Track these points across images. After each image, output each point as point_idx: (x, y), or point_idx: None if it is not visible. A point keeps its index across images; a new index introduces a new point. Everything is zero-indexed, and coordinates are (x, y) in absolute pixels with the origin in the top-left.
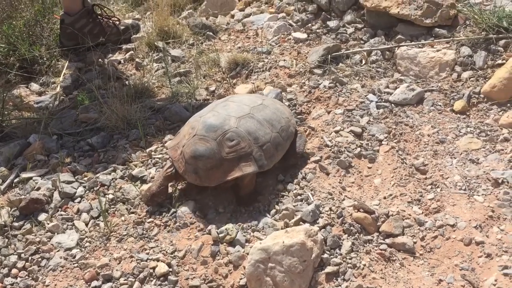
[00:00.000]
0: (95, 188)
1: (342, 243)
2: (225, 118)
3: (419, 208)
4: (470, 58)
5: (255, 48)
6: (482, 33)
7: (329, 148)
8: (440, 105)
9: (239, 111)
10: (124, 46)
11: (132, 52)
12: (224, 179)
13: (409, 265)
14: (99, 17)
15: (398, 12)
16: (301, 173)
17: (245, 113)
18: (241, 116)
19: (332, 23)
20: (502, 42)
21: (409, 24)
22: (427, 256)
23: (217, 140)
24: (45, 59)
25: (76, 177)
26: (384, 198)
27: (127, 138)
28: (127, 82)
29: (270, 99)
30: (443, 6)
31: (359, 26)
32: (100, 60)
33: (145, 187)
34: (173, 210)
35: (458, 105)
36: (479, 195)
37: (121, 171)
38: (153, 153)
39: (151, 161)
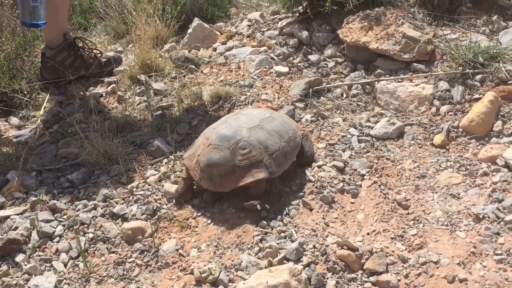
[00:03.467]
0: (74, 227)
1: (326, 282)
2: (237, 129)
3: (402, 244)
4: (448, 93)
5: (237, 82)
6: (459, 68)
7: (312, 183)
8: (420, 139)
9: (250, 123)
10: (106, 79)
11: (114, 85)
12: (237, 185)
13: None
14: (80, 50)
15: (377, 47)
16: (284, 209)
17: (255, 124)
18: (252, 127)
19: (313, 57)
20: (478, 77)
21: (388, 58)
22: None
23: (230, 149)
24: (25, 92)
25: (55, 215)
26: (368, 234)
27: (108, 174)
28: (108, 116)
29: (278, 113)
30: (421, 42)
31: (340, 60)
32: (81, 93)
33: (126, 225)
34: (154, 249)
35: (438, 139)
36: (461, 231)
37: (101, 208)
38: (134, 189)
39: (132, 197)
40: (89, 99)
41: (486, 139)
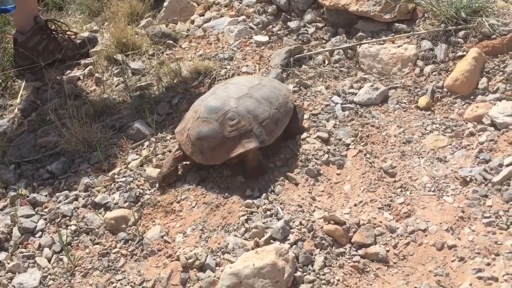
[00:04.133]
0: (56, 220)
1: (314, 258)
2: (225, 100)
3: (389, 213)
4: (431, 52)
5: (217, 55)
6: (441, 25)
7: (297, 157)
8: (404, 103)
9: (238, 92)
10: (82, 61)
11: (91, 67)
12: (228, 156)
13: (384, 275)
14: (53, 32)
15: (357, 9)
16: (269, 186)
17: (243, 93)
18: (240, 96)
19: (292, 24)
20: (461, 33)
21: (369, 20)
22: (401, 264)
23: (219, 120)
24: (0, 81)
25: (36, 209)
26: (355, 205)
27: (88, 162)
28: (86, 100)
29: (268, 78)
30: (401, 1)
31: (320, 25)
32: (58, 77)
33: (109, 214)
34: (139, 237)
35: (423, 101)
36: (448, 196)
37: (83, 198)
38: (116, 176)
39: (114, 185)
40: (66, 84)
41: (472, 97)
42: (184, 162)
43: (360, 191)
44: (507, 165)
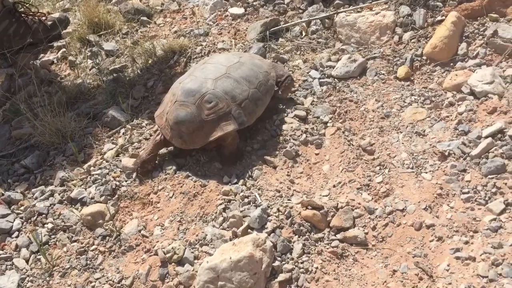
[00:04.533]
0: (32, 219)
1: (293, 246)
2: (202, 82)
3: (368, 194)
4: (410, 18)
5: (192, 31)
6: None
7: (275, 138)
8: (383, 74)
9: (216, 72)
10: (55, 44)
11: (64, 49)
12: (207, 140)
13: (362, 258)
14: (22, 15)
15: None
16: (247, 171)
17: (221, 73)
18: (217, 77)
19: None
20: None
21: None
22: (380, 246)
23: (196, 104)
24: None
25: (12, 208)
26: (334, 186)
27: (64, 154)
28: (61, 85)
29: (248, 55)
30: None
31: None
32: (31, 62)
33: (85, 210)
34: (116, 233)
35: (401, 71)
36: (426, 172)
37: (59, 194)
38: (92, 168)
39: (90, 178)
40: (39, 69)
41: (451, 64)
42: (165, 149)
43: (339, 171)
44: (486, 137)
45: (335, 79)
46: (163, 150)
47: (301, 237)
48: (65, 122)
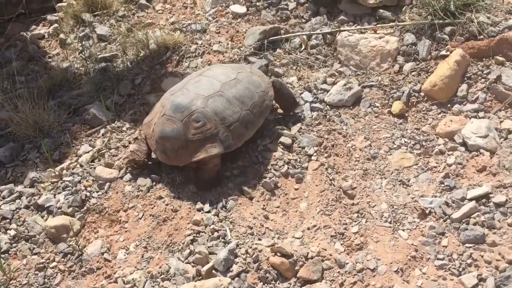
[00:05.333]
0: None
1: None
2: (192, 98)
3: (341, 244)
4: (413, 47)
5: (189, 25)
6: (428, 17)
7: (256, 165)
8: (377, 106)
9: (209, 89)
10: (48, 17)
11: (56, 25)
12: (190, 159)
13: None
14: None
15: None
16: (222, 200)
17: (215, 91)
18: (210, 94)
19: None
20: (448, 29)
21: (354, 2)
22: None
23: (183, 121)
24: None
25: None
26: (308, 229)
27: (38, 150)
28: (47, 65)
29: (248, 70)
30: None
31: (302, 0)
32: (22, 33)
33: (50, 221)
34: (78, 252)
35: (396, 107)
36: (404, 230)
37: (26, 198)
38: (64, 172)
39: (61, 183)
40: (29, 43)
41: (449, 105)
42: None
43: (315, 212)
44: (470, 199)
45: (327, 106)
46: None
47: (266, 284)
48: (44, 115)
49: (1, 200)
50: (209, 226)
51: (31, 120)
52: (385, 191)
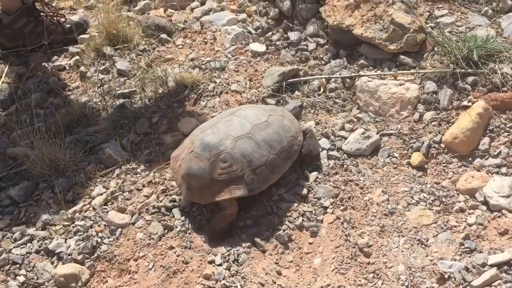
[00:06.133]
0: (5, 267)
1: None
2: (222, 138)
3: None
4: (434, 96)
5: (208, 62)
6: (450, 65)
7: (270, 216)
8: (396, 157)
9: (239, 130)
10: (70, 48)
11: (77, 57)
12: (213, 199)
13: None
14: (41, 15)
15: (362, 33)
16: (233, 253)
17: (244, 132)
18: (239, 136)
19: (293, 35)
20: (470, 79)
21: (374, 46)
22: None
23: (210, 160)
24: None
25: None
26: (322, 287)
27: (53, 190)
28: (66, 99)
29: (280, 113)
30: (410, 31)
31: (322, 41)
32: (44, 64)
33: (59, 269)
34: None
35: (415, 158)
36: None
37: (37, 241)
38: (77, 215)
39: (73, 227)
40: (50, 75)
41: (470, 159)
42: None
43: (330, 270)
44: (491, 266)
45: (344, 154)
46: None
47: None
48: (60, 154)
49: (13, 243)
50: (220, 281)
51: (47, 158)
52: (402, 251)
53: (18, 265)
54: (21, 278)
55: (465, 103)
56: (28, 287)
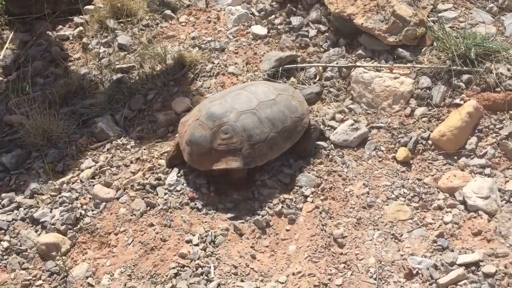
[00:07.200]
0: None
1: None
2: (227, 110)
3: None
4: (428, 91)
5: (209, 42)
6: (447, 62)
7: (250, 202)
8: (382, 150)
9: (246, 104)
10: (75, 18)
11: (81, 28)
12: (211, 167)
13: None
14: None
15: (362, 23)
16: (210, 235)
17: (250, 108)
18: (244, 110)
19: (295, 20)
20: (465, 77)
21: (374, 37)
22: None
23: (213, 130)
24: None
25: None
26: (293, 274)
27: (44, 160)
28: (67, 70)
29: (288, 94)
30: (410, 24)
31: (323, 28)
32: (48, 32)
33: (42, 238)
34: (64, 273)
35: (401, 154)
36: None
37: (24, 209)
38: (64, 186)
39: (59, 198)
40: (53, 44)
41: (455, 157)
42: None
43: (303, 257)
44: (459, 265)
45: (332, 144)
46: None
47: None
48: (53, 125)
49: (0, 209)
50: (195, 261)
51: (40, 128)
52: (375, 244)
53: (3, 231)
54: (5, 244)
55: (457, 101)
56: (11, 252)
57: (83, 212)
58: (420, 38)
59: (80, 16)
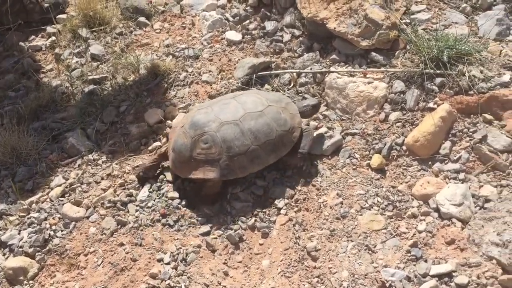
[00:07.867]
0: None
1: None
2: (210, 120)
3: None
4: (402, 96)
5: (183, 50)
6: (420, 65)
7: (223, 216)
8: (357, 158)
9: (230, 115)
10: (48, 28)
11: (54, 38)
12: (189, 175)
13: None
14: None
15: (335, 28)
16: (182, 252)
17: (234, 118)
18: (227, 120)
19: (269, 25)
20: (438, 80)
21: (347, 41)
22: None
23: (193, 138)
24: None
25: None
26: None
27: (13, 178)
28: (39, 83)
29: (280, 106)
30: (383, 27)
31: (297, 32)
32: (21, 43)
33: (8, 262)
34: None
35: (375, 161)
36: None
37: None
38: (33, 205)
39: (28, 219)
40: (25, 54)
41: (430, 163)
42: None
43: (276, 272)
44: (432, 276)
45: (306, 154)
46: None
47: None
48: (22, 141)
49: None
50: (165, 281)
51: (9, 146)
52: (349, 257)
53: None
54: None
55: (431, 104)
56: None
57: (52, 233)
58: (393, 42)
59: (53, 25)
